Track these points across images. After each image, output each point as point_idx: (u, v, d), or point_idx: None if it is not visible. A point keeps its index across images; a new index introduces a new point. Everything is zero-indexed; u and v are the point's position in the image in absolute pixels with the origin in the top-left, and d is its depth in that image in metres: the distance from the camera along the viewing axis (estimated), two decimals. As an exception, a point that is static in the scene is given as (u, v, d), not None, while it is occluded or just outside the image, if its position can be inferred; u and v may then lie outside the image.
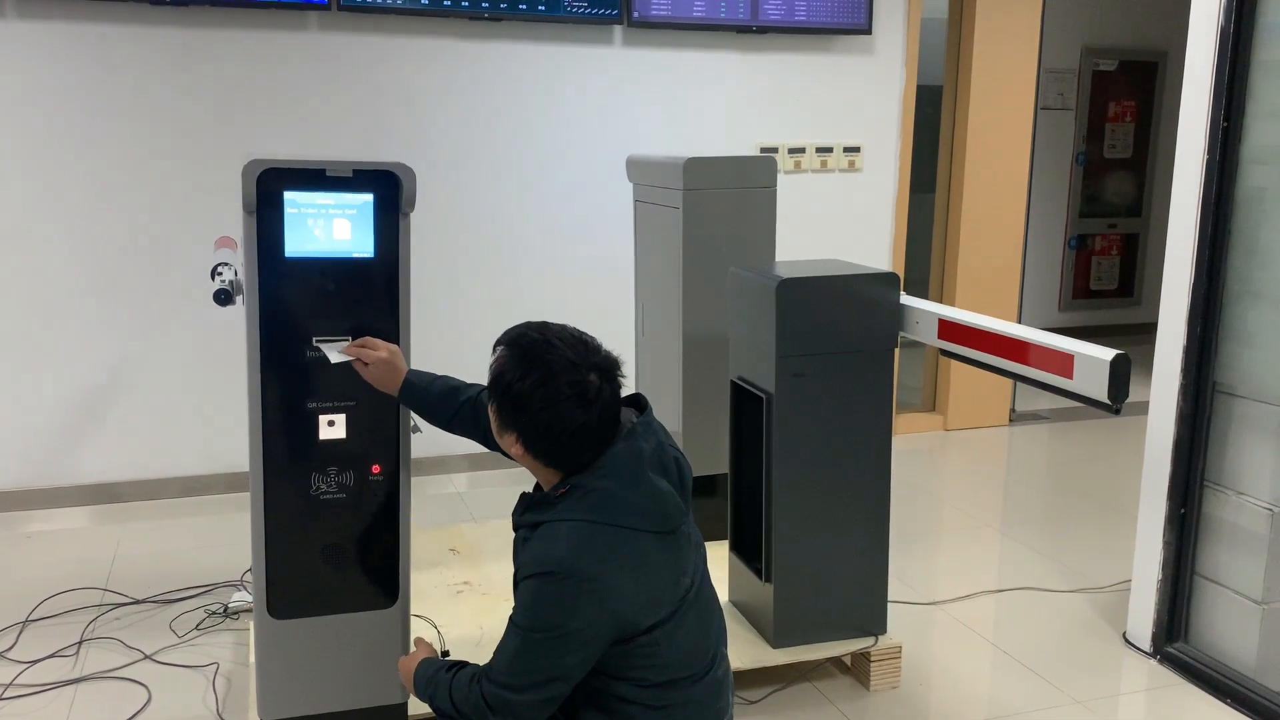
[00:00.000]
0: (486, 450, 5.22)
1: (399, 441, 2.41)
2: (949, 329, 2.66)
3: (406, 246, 2.36)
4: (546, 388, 1.82)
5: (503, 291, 4.68)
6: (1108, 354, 2.25)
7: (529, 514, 1.91)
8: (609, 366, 1.88)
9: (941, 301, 5.52)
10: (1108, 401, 2.26)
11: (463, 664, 1.98)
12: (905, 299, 2.85)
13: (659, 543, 1.85)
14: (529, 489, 2.01)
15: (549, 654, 1.78)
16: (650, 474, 1.86)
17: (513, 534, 1.99)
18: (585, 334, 1.92)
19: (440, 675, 1.96)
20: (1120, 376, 2.23)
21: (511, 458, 1.96)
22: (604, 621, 1.77)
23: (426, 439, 2.57)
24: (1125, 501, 4.38)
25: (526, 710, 1.81)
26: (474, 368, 4.80)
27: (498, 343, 1.92)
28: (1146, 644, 3.17)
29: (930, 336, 2.73)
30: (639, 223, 3.75)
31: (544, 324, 1.94)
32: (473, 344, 4.65)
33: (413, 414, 2.43)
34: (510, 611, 1.85)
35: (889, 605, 3.01)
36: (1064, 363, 2.34)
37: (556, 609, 1.76)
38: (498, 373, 1.89)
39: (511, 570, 1.93)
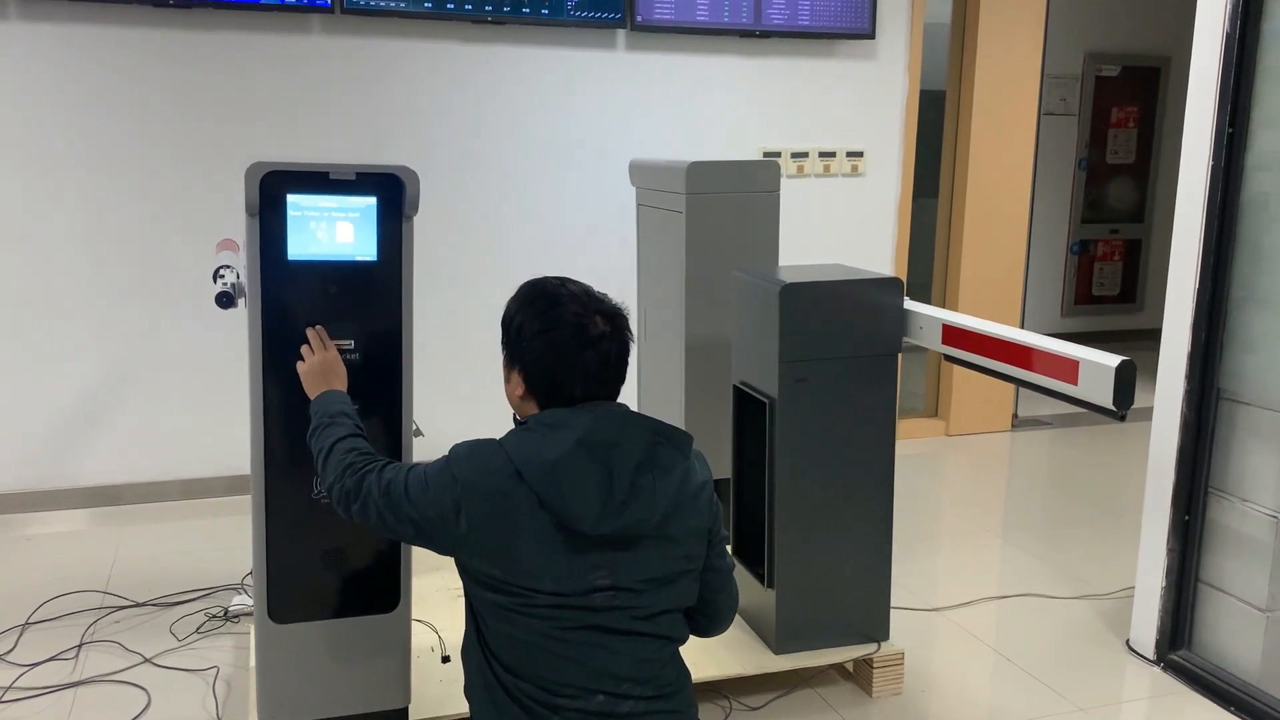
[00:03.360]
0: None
1: (401, 445, 2.40)
2: (953, 334, 2.65)
3: (409, 250, 2.35)
4: (549, 316, 1.86)
5: (504, 294, 4.65)
6: (1113, 360, 2.24)
7: None
8: (616, 314, 1.90)
9: (944, 306, 5.51)
10: (1113, 408, 2.26)
11: (364, 438, 2.06)
12: (909, 304, 2.84)
13: (546, 520, 1.77)
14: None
15: (415, 501, 1.84)
16: (584, 455, 1.78)
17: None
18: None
19: (341, 422, 2.05)
20: (1125, 383, 2.23)
21: (514, 409, 1.95)
22: (448, 524, 1.81)
23: (428, 442, 2.57)
24: (1128, 508, 4.38)
25: (368, 507, 1.88)
26: (475, 369, 4.81)
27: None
28: (1150, 651, 3.15)
29: (934, 342, 2.72)
30: (641, 227, 3.75)
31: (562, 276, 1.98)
32: (475, 347, 4.66)
33: (414, 418, 2.42)
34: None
35: (891, 611, 3.00)
36: (1069, 369, 2.34)
37: (436, 483, 1.83)
38: (506, 310, 1.94)
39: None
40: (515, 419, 1.95)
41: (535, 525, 1.77)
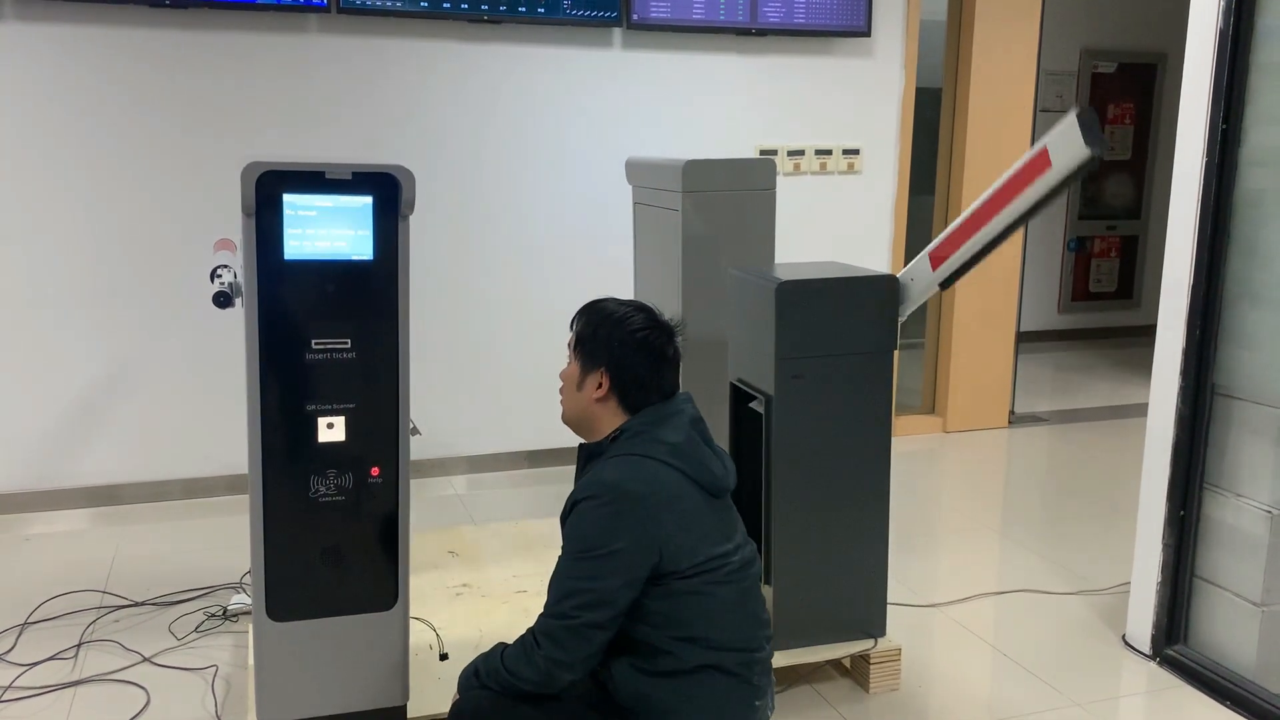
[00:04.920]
0: (485, 452, 5.20)
1: (398, 444, 2.40)
2: (939, 250, 2.66)
3: (405, 249, 2.36)
4: (630, 325, 2.10)
5: (501, 294, 4.68)
6: (1069, 118, 2.26)
7: (589, 466, 2.07)
8: (670, 326, 2.15)
9: (941, 303, 5.52)
10: (1092, 152, 2.24)
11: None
12: (901, 276, 2.84)
13: (701, 495, 2.01)
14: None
15: (593, 575, 1.91)
16: (694, 432, 2.06)
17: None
18: None
19: (492, 650, 2.06)
20: (1089, 124, 2.23)
21: (576, 422, 2.14)
22: (645, 545, 1.91)
23: (426, 441, 2.58)
24: (1124, 503, 4.38)
25: (571, 638, 1.91)
26: (473, 368, 4.80)
27: (574, 317, 2.17)
28: (1146, 646, 3.16)
29: (930, 282, 2.70)
30: (638, 225, 3.75)
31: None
32: (470, 346, 4.67)
33: (411, 417, 2.43)
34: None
35: (888, 607, 3.01)
36: (1041, 161, 2.33)
37: (601, 528, 1.91)
38: (586, 323, 2.13)
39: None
40: (581, 451, 2.11)
41: (696, 495, 2.00)
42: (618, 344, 2.09)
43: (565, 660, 1.92)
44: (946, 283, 2.70)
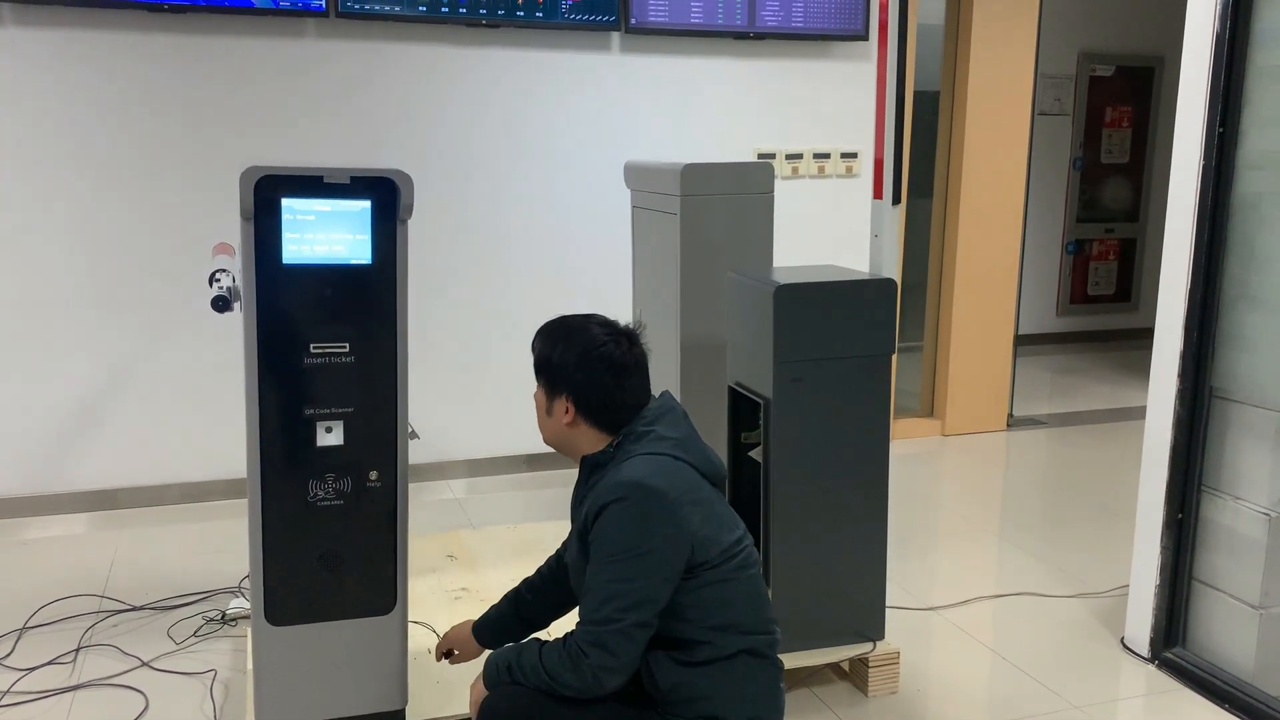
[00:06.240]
0: (484, 456, 5.20)
1: (396, 448, 2.41)
2: (876, 180, 2.66)
3: (404, 253, 2.36)
4: (583, 342, 2.06)
5: (500, 297, 4.68)
6: None
7: (594, 476, 2.06)
8: (631, 331, 2.13)
9: (939, 306, 5.53)
10: None
11: (534, 638, 2.12)
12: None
13: (709, 485, 2.05)
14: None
15: (632, 576, 1.91)
16: (691, 428, 2.11)
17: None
18: None
19: (526, 645, 2.06)
20: None
21: (556, 445, 2.14)
22: (678, 539, 1.93)
23: (424, 445, 2.58)
24: (1123, 506, 4.39)
25: (617, 641, 1.91)
26: (471, 370, 4.80)
27: (534, 339, 2.14)
28: (1144, 649, 3.17)
29: (887, 208, 2.72)
30: (637, 229, 3.76)
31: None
32: (469, 349, 4.67)
33: (410, 421, 2.43)
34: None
35: (887, 610, 3.01)
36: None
37: (634, 529, 1.92)
38: (539, 351, 2.11)
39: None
40: (584, 462, 2.10)
41: (706, 485, 2.04)
42: (576, 367, 2.05)
43: (614, 666, 1.92)
44: (895, 196, 2.70)
